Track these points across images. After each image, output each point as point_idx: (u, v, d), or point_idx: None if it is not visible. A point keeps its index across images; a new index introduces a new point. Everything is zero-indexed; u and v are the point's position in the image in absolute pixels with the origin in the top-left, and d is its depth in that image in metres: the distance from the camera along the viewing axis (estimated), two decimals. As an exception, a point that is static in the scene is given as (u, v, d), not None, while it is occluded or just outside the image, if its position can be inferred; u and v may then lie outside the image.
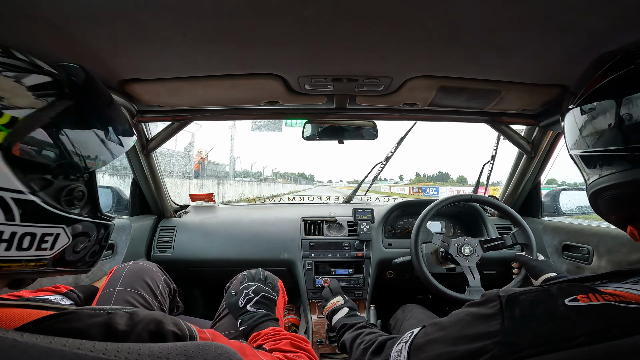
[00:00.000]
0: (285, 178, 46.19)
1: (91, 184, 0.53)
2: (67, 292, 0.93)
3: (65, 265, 0.50)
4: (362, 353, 0.73)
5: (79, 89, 0.50)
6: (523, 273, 1.26)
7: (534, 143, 1.52)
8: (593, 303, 0.41)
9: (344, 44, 0.83)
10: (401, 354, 0.58)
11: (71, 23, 0.71)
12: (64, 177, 0.47)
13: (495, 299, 0.48)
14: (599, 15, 0.67)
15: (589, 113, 0.56)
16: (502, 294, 0.48)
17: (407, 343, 0.59)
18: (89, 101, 0.52)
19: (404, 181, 70.02)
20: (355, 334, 0.84)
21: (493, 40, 0.79)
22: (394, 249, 1.64)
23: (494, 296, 0.49)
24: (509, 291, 0.48)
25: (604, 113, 0.53)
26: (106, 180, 9.93)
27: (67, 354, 0.30)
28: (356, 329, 0.88)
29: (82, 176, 0.50)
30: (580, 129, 0.57)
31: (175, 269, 1.46)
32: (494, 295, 0.49)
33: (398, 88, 1.13)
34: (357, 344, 0.78)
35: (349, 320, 0.97)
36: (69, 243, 0.48)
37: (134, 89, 1.11)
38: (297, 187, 52.55)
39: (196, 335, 0.45)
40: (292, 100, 1.22)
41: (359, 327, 0.89)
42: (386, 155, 2.12)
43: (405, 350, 0.58)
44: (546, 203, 1.74)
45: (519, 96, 1.16)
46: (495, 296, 0.49)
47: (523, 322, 0.44)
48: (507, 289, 0.51)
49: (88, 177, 0.52)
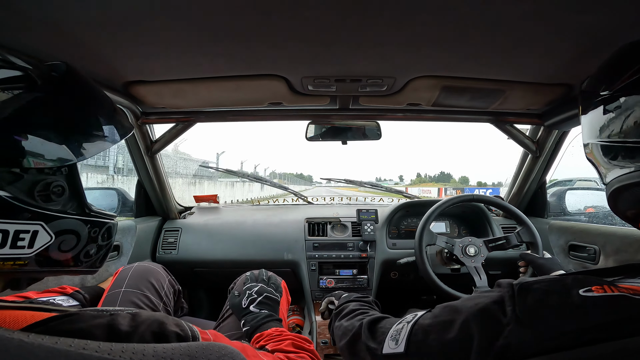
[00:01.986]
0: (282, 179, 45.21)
1: (72, 179, 0.50)
2: (73, 292, 0.94)
3: (55, 266, 0.48)
4: (358, 321, 0.69)
5: (54, 82, 0.48)
6: (530, 272, 1.25)
7: (539, 142, 1.51)
8: (608, 294, 0.40)
9: (346, 45, 0.83)
10: (401, 334, 0.55)
11: (76, 26, 0.72)
12: (37, 172, 0.45)
13: (507, 286, 0.47)
14: (605, 13, 0.67)
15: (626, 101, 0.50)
16: (515, 282, 0.47)
17: (410, 323, 0.55)
18: (66, 94, 0.50)
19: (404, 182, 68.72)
20: (364, 308, 0.79)
21: (497, 39, 0.79)
22: (398, 250, 1.63)
23: (506, 284, 0.48)
24: (522, 280, 0.47)
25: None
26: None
27: (72, 354, 0.31)
28: (367, 304, 0.83)
29: (60, 170, 0.48)
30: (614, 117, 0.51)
31: (180, 270, 1.46)
32: (506, 283, 0.48)
33: (401, 88, 1.13)
34: (359, 312, 0.75)
35: (364, 299, 0.88)
36: (51, 241, 0.46)
37: (138, 90, 1.12)
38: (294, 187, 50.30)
39: (198, 335, 0.45)
40: (296, 101, 1.23)
41: (371, 307, 0.83)
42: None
43: (407, 330, 0.54)
44: (552, 203, 1.72)
45: (524, 95, 1.15)
46: (508, 284, 0.48)
47: (535, 310, 0.43)
48: (521, 278, 0.49)
49: (67, 170, 0.49)
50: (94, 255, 0.55)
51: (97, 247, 0.55)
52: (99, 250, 0.56)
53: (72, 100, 0.51)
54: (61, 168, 0.48)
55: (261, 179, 2.85)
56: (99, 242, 0.56)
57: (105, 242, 0.58)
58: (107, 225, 0.57)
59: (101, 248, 0.57)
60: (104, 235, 0.56)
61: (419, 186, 45.39)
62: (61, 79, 0.50)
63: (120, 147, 8.88)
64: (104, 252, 0.58)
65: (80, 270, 0.54)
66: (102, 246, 0.57)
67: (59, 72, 0.50)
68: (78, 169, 0.52)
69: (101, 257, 0.58)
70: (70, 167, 0.50)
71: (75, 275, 0.81)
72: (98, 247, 0.56)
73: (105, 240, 0.57)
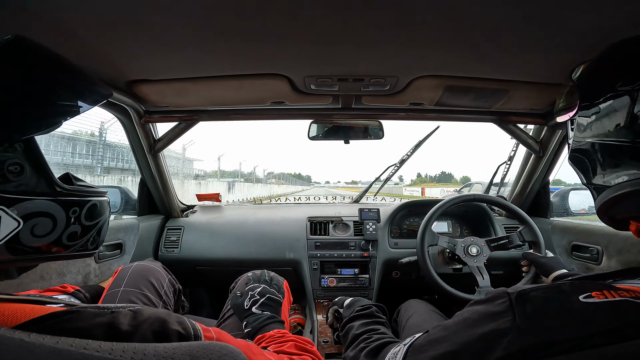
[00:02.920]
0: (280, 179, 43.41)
1: (32, 154, 0.45)
2: (74, 291, 0.94)
3: (34, 252, 0.44)
4: (360, 351, 0.71)
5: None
6: (533, 271, 1.25)
7: (543, 142, 1.50)
8: (609, 299, 0.40)
9: (349, 44, 0.83)
10: (397, 356, 0.56)
11: (79, 25, 0.72)
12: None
13: (503, 296, 0.46)
14: (608, 13, 0.66)
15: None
16: (510, 290, 0.46)
17: (405, 345, 0.56)
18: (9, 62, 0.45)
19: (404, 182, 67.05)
20: (367, 329, 0.80)
21: (500, 39, 0.79)
22: (400, 249, 1.63)
23: (501, 293, 0.47)
24: (518, 288, 0.46)
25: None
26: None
27: (73, 354, 0.30)
28: (371, 323, 0.83)
29: (12, 147, 0.43)
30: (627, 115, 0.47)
31: (182, 269, 1.47)
32: (501, 292, 0.47)
33: (404, 88, 1.12)
34: (362, 339, 0.75)
35: (367, 311, 0.89)
36: (19, 227, 0.42)
37: (141, 89, 1.12)
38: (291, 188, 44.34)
39: (201, 334, 0.44)
40: (298, 100, 1.23)
41: (375, 322, 0.84)
42: (401, 157, 2.06)
43: (403, 352, 0.55)
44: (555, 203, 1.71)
45: (527, 95, 1.14)
46: (504, 293, 0.47)
47: (537, 319, 0.42)
48: (515, 287, 0.48)
49: (23, 146, 0.44)
50: (81, 237, 0.50)
51: (82, 228, 0.50)
52: (87, 231, 0.51)
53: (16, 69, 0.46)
54: (13, 145, 0.43)
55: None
56: (83, 222, 0.50)
57: (93, 222, 0.52)
58: (90, 203, 0.51)
59: (89, 228, 0.51)
60: (87, 214, 0.51)
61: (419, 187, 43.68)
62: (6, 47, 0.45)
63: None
64: (95, 232, 0.53)
65: (72, 254, 0.50)
66: (90, 226, 0.52)
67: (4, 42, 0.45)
68: (37, 143, 0.46)
69: (92, 238, 0.53)
70: (27, 142, 0.45)
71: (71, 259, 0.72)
72: (84, 227, 0.50)
73: (92, 219, 0.52)
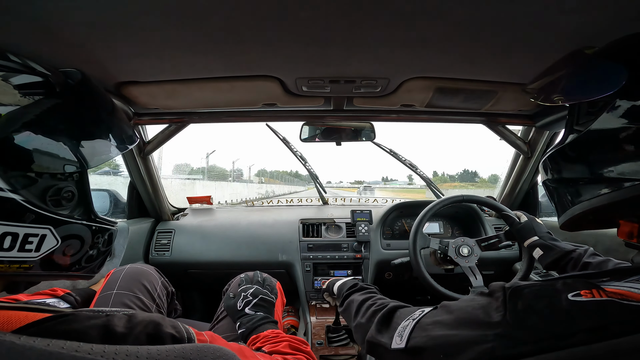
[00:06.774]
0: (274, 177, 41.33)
1: (82, 185, 0.51)
2: (64, 295, 0.92)
3: (57, 269, 0.49)
4: (372, 315, 0.71)
5: (71, 90, 0.50)
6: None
7: (531, 143, 1.53)
8: (596, 299, 0.41)
9: (340, 46, 0.83)
10: (405, 330, 0.58)
11: (67, 26, 0.71)
12: (50, 176, 0.46)
13: (499, 290, 0.48)
14: (596, 15, 0.68)
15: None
16: (507, 285, 0.48)
17: (414, 320, 0.58)
18: (81, 101, 0.52)
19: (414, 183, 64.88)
20: (367, 296, 0.81)
21: (490, 40, 0.80)
22: (392, 250, 1.64)
23: (499, 287, 0.49)
24: (515, 284, 0.48)
25: None
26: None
27: (65, 356, 0.30)
28: (368, 292, 0.85)
29: (72, 176, 0.49)
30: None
31: (173, 272, 1.45)
32: (499, 286, 0.49)
33: (395, 89, 1.13)
34: (368, 305, 0.75)
35: (358, 286, 0.91)
36: (57, 245, 0.47)
37: (130, 91, 1.10)
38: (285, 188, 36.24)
39: (194, 337, 0.44)
40: (290, 102, 1.23)
41: (371, 291, 0.86)
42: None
43: (410, 327, 0.57)
44: (543, 203, 1.74)
45: (516, 97, 1.16)
46: (501, 287, 0.49)
47: (524, 316, 0.43)
48: (513, 282, 0.50)
49: (78, 177, 0.51)
50: (94, 260, 0.56)
51: (97, 253, 0.56)
52: (100, 256, 0.57)
53: (87, 108, 0.53)
54: (73, 174, 0.49)
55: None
56: (100, 248, 0.56)
57: (106, 248, 0.58)
58: (109, 232, 0.58)
59: (102, 253, 0.57)
60: (105, 241, 0.57)
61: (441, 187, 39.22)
62: (77, 87, 0.51)
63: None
64: (103, 257, 0.58)
65: (78, 275, 0.54)
66: (103, 252, 0.57)
67: (75, 80, 0.51)
68: (88, 175, 0.54)
69: (100, 262, 0.58)
70: (81, 174, 0.51)
71: (72, 280, 0.80)
72: (99, 252, 0.56)
73: (106, 246, 0.58)
